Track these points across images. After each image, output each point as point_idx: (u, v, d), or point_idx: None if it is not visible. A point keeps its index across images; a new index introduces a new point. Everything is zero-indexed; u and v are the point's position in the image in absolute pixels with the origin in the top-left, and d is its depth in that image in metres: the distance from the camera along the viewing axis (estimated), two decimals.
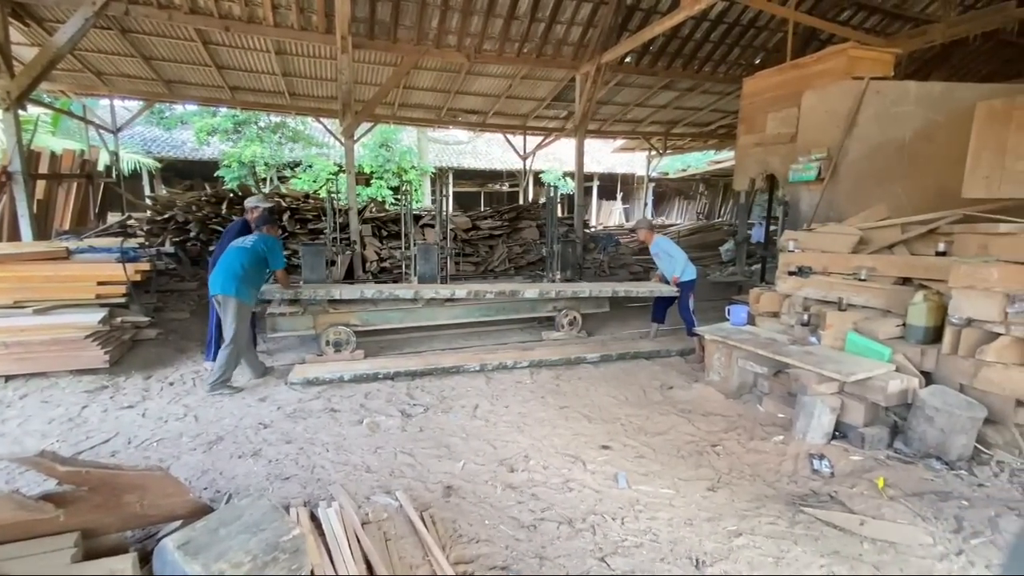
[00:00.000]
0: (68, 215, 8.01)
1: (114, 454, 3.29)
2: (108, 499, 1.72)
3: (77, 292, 4.97)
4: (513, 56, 8.46)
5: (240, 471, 3.08)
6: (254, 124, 14.35)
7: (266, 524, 1.80)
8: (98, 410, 3.93)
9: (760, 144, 6.29)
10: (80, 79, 8.78)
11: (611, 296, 6.04)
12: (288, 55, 8.34)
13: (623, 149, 17.59)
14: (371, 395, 4.31)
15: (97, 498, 1.70)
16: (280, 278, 4.84)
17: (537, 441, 3.49)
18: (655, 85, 10.60)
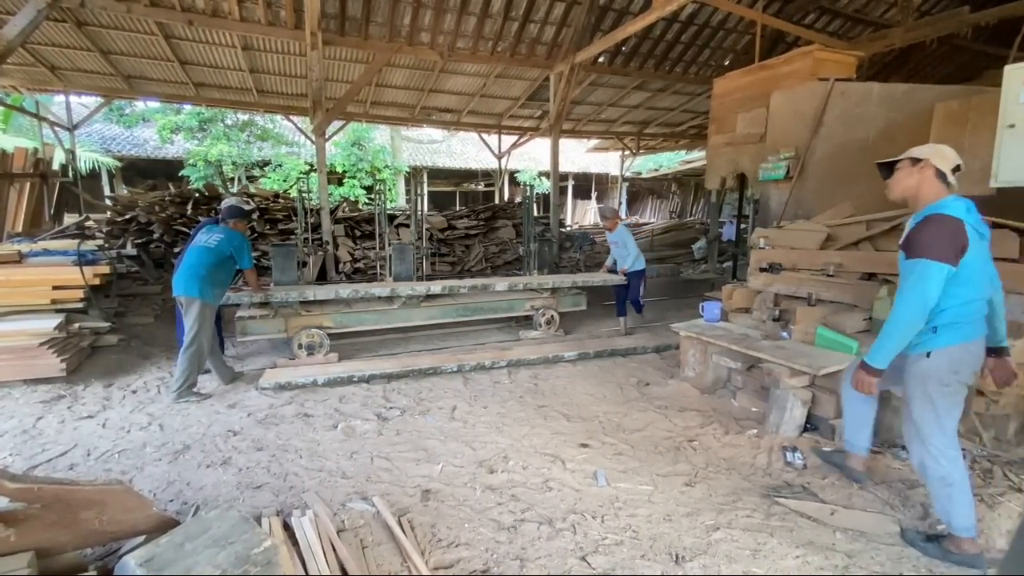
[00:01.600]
0: (20, 217, 7.63)
1: (72, 467, 3.13)
2: (63, 516, 1.63)
3: (31, 297, 4.73)
4: (487, 55, 8.43)
5: (209, 481, 2.96)
6: (220, 122, 13.95)
7: (235, 537, 1.73)
8: (55, 421, 3.74)
9: (731, 144, 6.41)
10: (33, 74, 8.36)
11: (571, 286, 6.10)
12: (255, 51, 8.11)
13: (597, 149, 17.76)
14: (346, 399, 4.22)
15: (51, 515, 1.60)
16: (249, 279, 4.61)
17: (516, 441, 3.47)
18: (628, 85, 10.72)
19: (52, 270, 4.90)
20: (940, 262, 2.05)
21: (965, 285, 2.12)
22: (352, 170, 15.11)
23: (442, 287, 5.51)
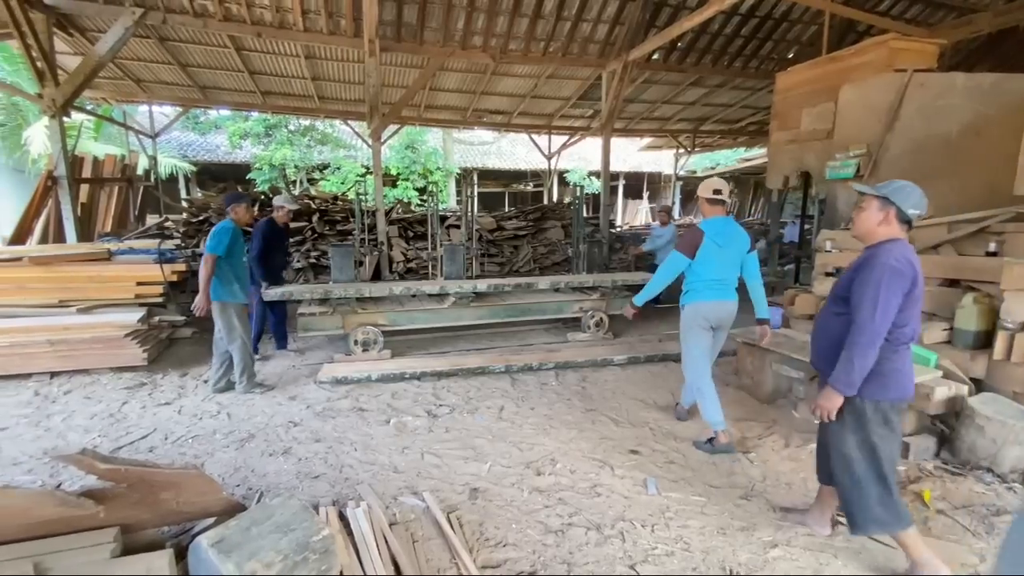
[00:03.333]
0: (110, 217, 8.34)
1: (152, 450, 3.39)
2: (145, 496, 1.77)
3: (118, 292, 5.15)
4: (539, 56, 8.43)
5: (271, 469, 3.13)
6: (284, 127, 14.68)
7: (296, 524, 1.81)
8: (137, 406, 4.06)
9: (794, 141, 6.10)
10: (121, 86, 9.13)
11: (621, 288, 6.00)
12: (317, 59, 8.49)
13: (650, 147, 17.36)
14: (398, 395, 4.34)
15: (135, 495, 1.74)
16: (203, 265, 4.02)
17: (564, 444, 3.45)
18: (683, 82, 10.42)
19: (136, 267, 5.32)
20: (680, 252, 3.34)
21: (699, 268, 3.32)
22: (406, 172, 15.52)
23: (488, 285, 5.60)
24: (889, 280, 1.98)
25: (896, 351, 2.08)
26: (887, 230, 2.10)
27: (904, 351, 2.11)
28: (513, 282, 5.78)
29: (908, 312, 2.04)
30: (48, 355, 4.49)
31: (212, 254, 4.02)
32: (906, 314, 2.03)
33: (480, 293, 5.63)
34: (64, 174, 6.30)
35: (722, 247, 3.28)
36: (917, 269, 2.03)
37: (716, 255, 3.28)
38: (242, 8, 6.80)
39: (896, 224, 2.09)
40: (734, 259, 3.35)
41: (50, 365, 4.51)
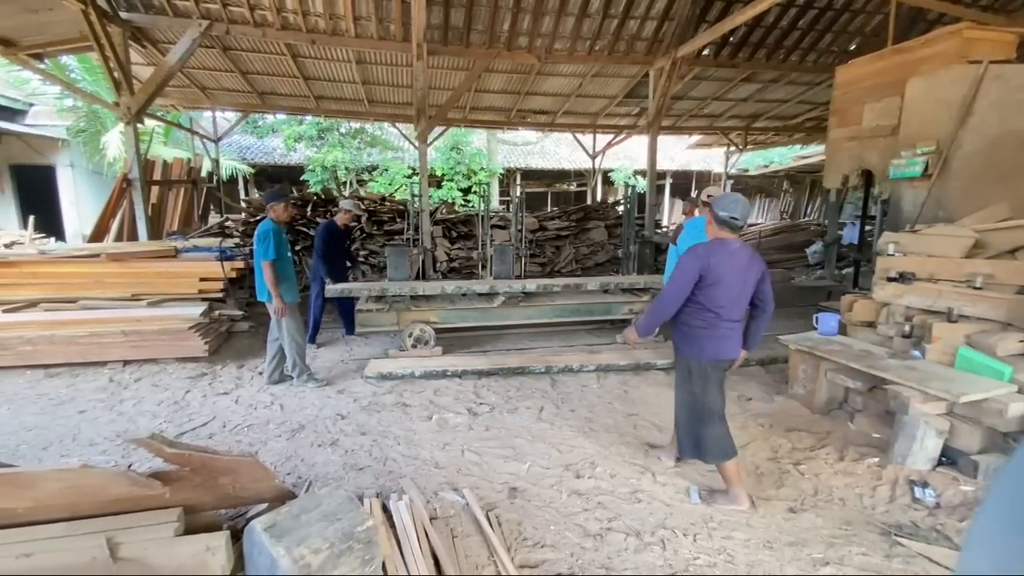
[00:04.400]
0: (176, 217, 8.91)
1: (211, 436, 3.60)
2: (206, 480, 1.88)
3: (183, 287, 5.51)
4: (584, 54, 8.35)
5: (319, 459, 3.26)
6: (336, 130, 15.21)
7: (342, 514, 1.88)
8: (199, 395, 4.33)
9: (855, 138, 5.78)
10: (187, 94, 9.73)
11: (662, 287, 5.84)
12: (367, 64, 8.75)
13: (699, 145, 16.85)
14: (440, 392, 4.42)
15: (197, 478, 1.86)
16: (264, 272, 4.19)
17: (604, 448, 3.41)
18: (735, 78, 10.05)
19: (199, 264, 5.67)
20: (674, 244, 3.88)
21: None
22: (450, 173, 15.75)
23: (537, 285, 5.65)
24: (685, 265, 2.64)
25: (707, 323, 2.68)
26: (712, 230, 2.72)
27: (717, 324, 2.67)
28: (562, 282, 5.81)
29: (711, 295, 2.63)
30: (122, 345, 4.85)
31: (268, 260, 4.16)
32: (709, 296, 2.63)
33: (529, 293, 5.71)
34: (137, 177, 6.76)
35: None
36: (714, 261, 2.58)
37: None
38: (298, 17, 7.10)
39: (715, 227, 2.69)
40: None
41: (123, 354, 4.87)
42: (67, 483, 1.67)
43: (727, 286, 2.62)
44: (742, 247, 2.67)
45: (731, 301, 2.65)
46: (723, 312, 2.65)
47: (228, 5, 6.83)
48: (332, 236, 5.69)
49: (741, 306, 2.73)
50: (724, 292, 2.63)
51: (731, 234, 2.66)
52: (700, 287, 2.62)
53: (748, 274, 2.65)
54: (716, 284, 2.60)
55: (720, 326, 2.67)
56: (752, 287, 2.70)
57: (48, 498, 1.76)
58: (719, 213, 2.63)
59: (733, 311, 2.68)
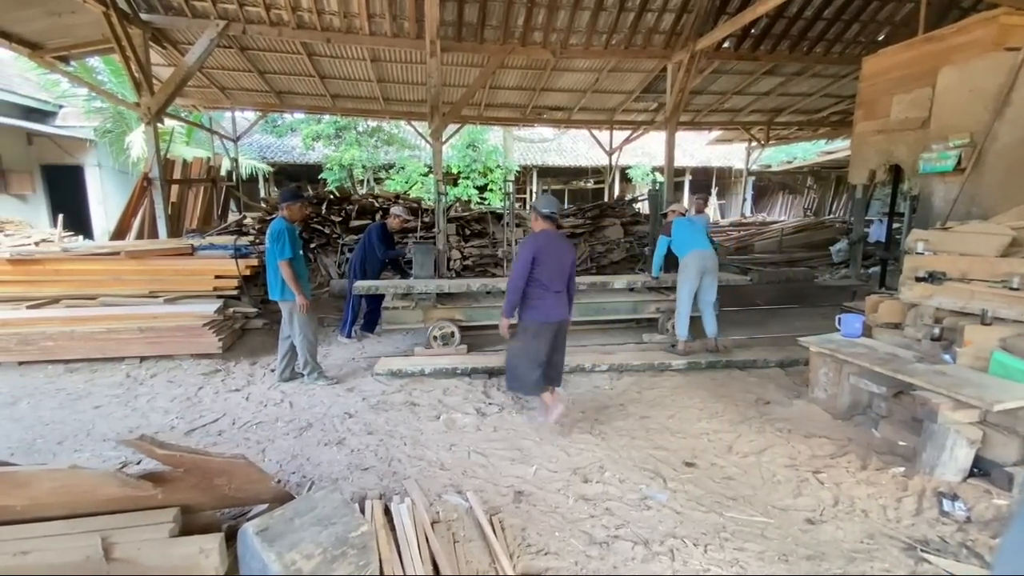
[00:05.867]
0: (196, 215, 9.05)
1: (221, 433, 3.61)
2: (201, 481, 1.86)
3: (198, 284, 5.57)
4: (600, 49, 8.22)
5: (325, 458, 3.24)
6: (353, 129, 15.33)
7: (337, 518, 1.84)
8: (211, 392, 4.36)
9: (882, 131, 5.55)
10: (207, 94, 9.89)
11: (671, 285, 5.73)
12: (382, 62, 8.76)
13: (719, 141, 16.52)
14: (449, 391, 4.37)
15: (192, 479, 1.84)
16: (283, 271, 4.19)
17: (614, 452, 3.32)
18: (757, 71, 9.80)
19: (215, 262, 5.72)
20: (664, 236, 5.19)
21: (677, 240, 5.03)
22: (466, 171, 15.73)
23: None
24: (522, 251, 3.47)
25: (539, 295, 3.50)
26: (538, 224, 3.58)
27: (545, 294, 3.50)
28: (588, 281, 5.78)
29: (540, 272, 3.44)
30: (139, 341, 4.92)
31: (285, 259, 4.16)
32: (539, 273, 3.44)
33: None
34: (158, 176, 6.88)
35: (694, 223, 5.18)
36: (541, 245, 3.45)
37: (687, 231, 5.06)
38: (313, 16, 7.13)
39: (541, 221, 3.57)
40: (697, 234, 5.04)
41: (140, 350, 4.94)
42: (59, 483, 1.66)
43: (551, 265, 3.45)
44: (559, 235, 3.65)
45: (554, 276, 3.48)
46: (550, 285, 3.49)
47: (244, 5, 6.89)
48: (386, 239, 5.90)
49: (563, 280, 3.56)
50: (549, 270, 3.45)
51: (551, 225, 3.57)
52: (533, 267, 3.43)
53: (565, 256, 3.55)
54: (543, 264, 3.43)
55: (547, 296, 3.50)
56: (569, 267, 3.59)
57: (44, 496, 1.75)
58: (542, 211, 3.55)
59: (556, 284, 3.51)
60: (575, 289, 3.73)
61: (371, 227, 6.01)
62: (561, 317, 3.59)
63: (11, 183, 11.83)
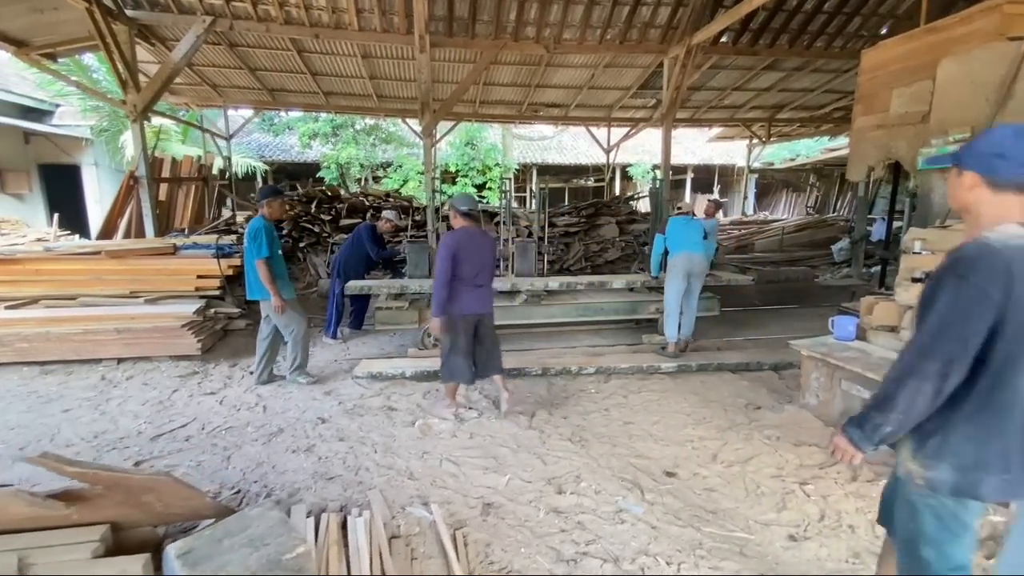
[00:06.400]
0: (187, 214, 8.97)
1: (188, 439, 3.50)
2: (128, 497, 1.74)
3: (180, 285, 5.47)
4: (595, 44, 8.05)
5: (291, 466, 3.12)
6: (350, 127, 15.22)
7: (271, 539, 1.71)
8: (185, 395, 4.25)
9: (882, 126, 5.36)
10: (200, 92, 9.80)
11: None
12: (374, 58, 8.63)
13: (720, 138, 16.27)
14: (429, 394, 4.24)
15: (116, 496, 1.72)
16: (259, 270, 4.08)
17: (593, 460, 3.18)
18: (756, 66, 9.59)
19: (197, 261, 5.62)
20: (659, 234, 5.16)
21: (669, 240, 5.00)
22: (465, 169, 15.60)
23: (560, 283, 5.58)
24: (442, 250, 3.56)
25: (460, 288, 3.60)
26: (454, 222, 3.70)
27: (462, 288, 3.60)
28: (586, 280, 5.73)
29: (460, 268, 3.54)
30: (115, 342, 4.82)
31: (263, 259, 4.06)
32: (460, 268, 3.54)
33: (552, 291, 5.59)
34: (144, 174, 6.78)
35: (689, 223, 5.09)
36: (460, 242, 3.54)
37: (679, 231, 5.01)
38: (301, 11, 7.01)
39: (460, 219, 3.67)
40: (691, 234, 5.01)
41: (117, 352, 4.85)
42: None
43: (471, 261, 3.58)
44: (479, 231, 3.76)
45: (474, 271, 3.61)
46: (470, 280, 3.61)
47: (231, 0, 6.78)
48: (378, 239, 5.85)
49: (483, 275, 3.68)
50: (469, 265, 3.58)
51: (470, 222, 3.68)
52: (454, 264, 3.53)
53: (484, 252, 3.67)
54: (463, 261, 3.55)
55: (465, 290, 3.62)
56: (491, 261, 3.76)
57: None
58: (460, 208, 3.67)
59: (476, 278, 3.63)
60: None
61: (361, 227, 5.93)
62: (480, 310, 3.71)
63: (8, 182, 11.82)
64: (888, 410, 1.36)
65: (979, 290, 1.25)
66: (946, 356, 1.29)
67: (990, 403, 1.31)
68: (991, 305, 1.24)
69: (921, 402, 1.32)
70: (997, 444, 1.33)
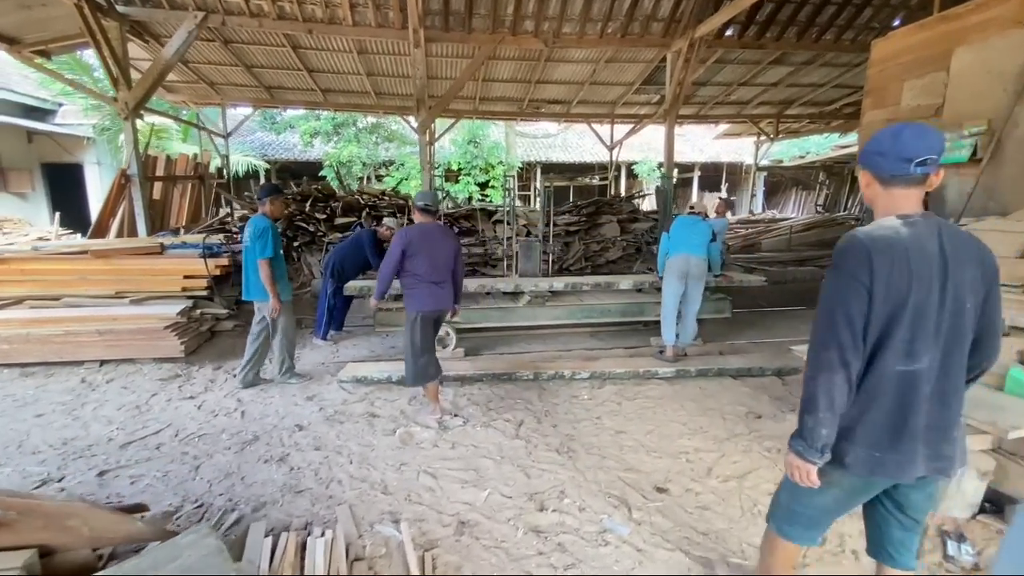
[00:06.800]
0: (184, 213, 8.88)
1: (159, 447, 3.36)
2: (50, 522, 1.59)
3: (167, 285, 5.35)
4: (596, 38, 7.84)
5: (260, 478, 2.96)
6: (352, 126, 15.11)
7: (203, 569, 1.54)
8: (164, 399, 4.12)
9: (893, 120, 5.12)
10: (198, 90, 9.72)
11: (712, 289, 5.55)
12: (370, 54, 8.49)
13: (727, 135, 15.98)
14: (416, 399, 4.08)
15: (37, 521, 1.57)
16: (261, 269, 3.97)
17: (579, 473, 3.00)
18: (763, 60, 9.34)
19: (184, 261, 5.50)
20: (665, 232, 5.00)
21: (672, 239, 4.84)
22: (467, 167, 15.43)
23: (565, 284, 5.44)
24: (392, 245, 3.49)
25: (415, 285, 3.51)
26: (417, 217, 3.62)
27: (419, 285, 3.51)
28: (592, 281, 5.56)
29: (414, 264, 3.46)
30: (97, 344, 4.71)
31: (266, 259, 3.96)
32: (413, 264, 3.46)
33: (556, 292, 5.46)
34: (136, 172, 6.69)
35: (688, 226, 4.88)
36: (412, 239, 3.45)
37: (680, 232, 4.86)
38: (294, 6, 6.87)
39: (418, 214, 3.61)
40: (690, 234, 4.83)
41: (99, 353, 4.74)
42: None
43: (424, 257, 3.47)
44: (438, 227, 3.70)
45: (429, 267, 3.50)
46: (425, 276, 3.51)
47: None
48: (378, 245, 5.66)
49: (439, 271, 3.54)
50: (423, 262, 3.48)
51: (429, 218, 3.62)
52: (406, 258, 3.47)
53: (440, 248, 3.54)
54: (415, 256, 3.46)
55: (421, 287, 3.53)
56: (450, 258, 3.59)
57: None
58: (417, 204, 3.62)
59: (433, 275, 3.51)
60: (459, 281, 3.75)
61: (363, 233, 5.80)
62: (437, 307, 3.61)
63: (10, 181, 11.85)
64: (814, 410, 1.40)
65: (850, 275, 1.36)
66: (840, 343, 1.36)
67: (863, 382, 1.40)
68: (862, 288, 1.34)
69: (838, 394, 1.37)
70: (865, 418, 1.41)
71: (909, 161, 1.36)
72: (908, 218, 1.37)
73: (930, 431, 1.39)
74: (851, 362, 1.36)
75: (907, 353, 1.35)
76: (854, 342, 1.36)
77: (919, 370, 1.36)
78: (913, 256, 1.33)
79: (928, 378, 1.37)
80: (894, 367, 1.36)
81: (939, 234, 1.36)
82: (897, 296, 1.33)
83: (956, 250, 1.36)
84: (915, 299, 1.33)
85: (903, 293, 1.32)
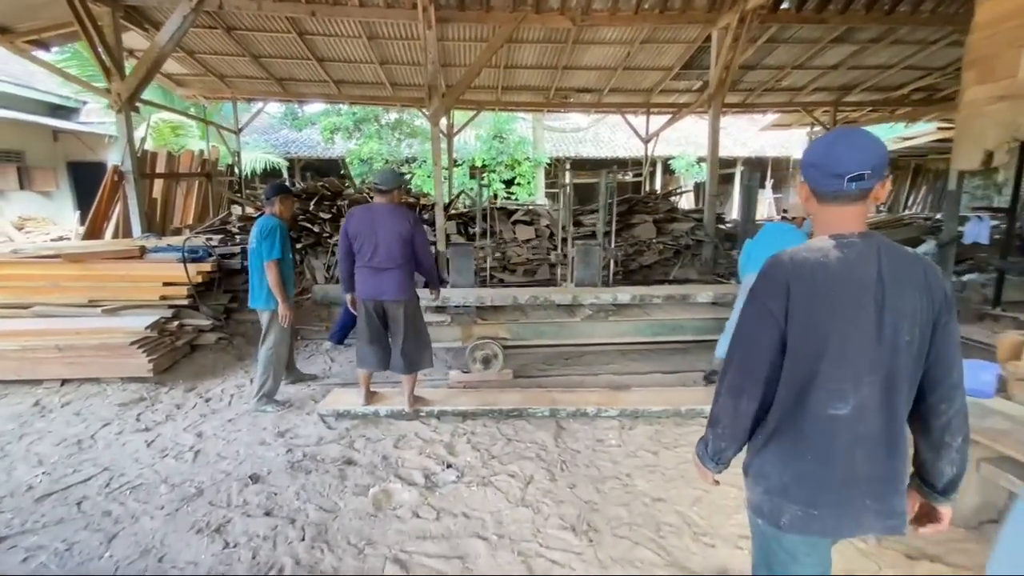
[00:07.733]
0: (190, 212, 8.45)
1: (81, 502, 2.73)
2: None
3: (145, 293, 4.81)
4: (630, 14, 6.93)
5: (184, 557, 2.30)
6: (374, 121, 14.60)
7: None
8: (114, 431, 3.53)
9: (1006, 97, 4.11)
10: (207, 83, 9.29)
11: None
12: (381, 39, 7.82)
13: (775, 126, 14.63)
14: (404, 441, 3.36)
15: None
16: (268, 272, 3.67)
17: (601, 568, 2.20)
18: (823, 38, 8.20)
19: (164, 266, 4.95)
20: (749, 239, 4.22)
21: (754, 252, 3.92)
22: (492, 163, 14.70)
23: (631, 296, 4.74)
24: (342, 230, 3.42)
25: (357, 269, 3.42)
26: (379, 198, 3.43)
27: (360, 270, 3.40)
28: (663, 292, 4.83)
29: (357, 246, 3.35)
30: (56, 361, 4.19)
31: (273, 260, 3.67)
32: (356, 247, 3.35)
33: (620, 304, 4.75)
34: (130, 168, 6.22)
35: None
36: (353, 220, 3.36)
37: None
38: None
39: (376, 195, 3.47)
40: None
41: (58, 372, 4.21)
42: None
43: (363, 239, 3.30)
44: (386, 208, 3.35)
45: (368, 251, 3.30)
46: (363, 259, 3.34)
47: None
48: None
49: (381, 256, 3.30)
50: (362, 244, 3.31)
51: (382, 199, 3.38)
52: (351, 240, 3.34)
53: (381, 229, 3.28)
54: (356, 238, 3.32)
55: (363, 271, 3.37)
56: (395, 242, 3.29)
57: None
58: (374, 183, 3.44)
59: (373, 259, 3.31)
60: (426, 267, 3.50)
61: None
62: (377, 295, 3.38)
63: (35, 180, 11.83)
64: (715, 425, 1.33)
65: (761, 305, 1.24)
66: (746, 370, 1.27)
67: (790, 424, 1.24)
68: (772, 321, 1.21)
69: (740, 418, 1.28)
70: (796, 470, 1.24)
71: (841, 177, 1.18)
72: (843, 239, 1.20)
73: (874, 483, 1.21)
74: (753, 393, 1.25)
75: (837, 394, 1.18)
76: (758, 374, 1.24)
77: (851, 413, 1.18)
78: (838, 284, 1.17)
79: (864, 421, 1.18)
80: (824, 410, 1.20)
81: (878, 257, 1.18)
82: (820, 329, 1.17)
83: (896, 275, 1.17)
84: (840, 332, 1.16)
85: (825, 326, 1.17)
